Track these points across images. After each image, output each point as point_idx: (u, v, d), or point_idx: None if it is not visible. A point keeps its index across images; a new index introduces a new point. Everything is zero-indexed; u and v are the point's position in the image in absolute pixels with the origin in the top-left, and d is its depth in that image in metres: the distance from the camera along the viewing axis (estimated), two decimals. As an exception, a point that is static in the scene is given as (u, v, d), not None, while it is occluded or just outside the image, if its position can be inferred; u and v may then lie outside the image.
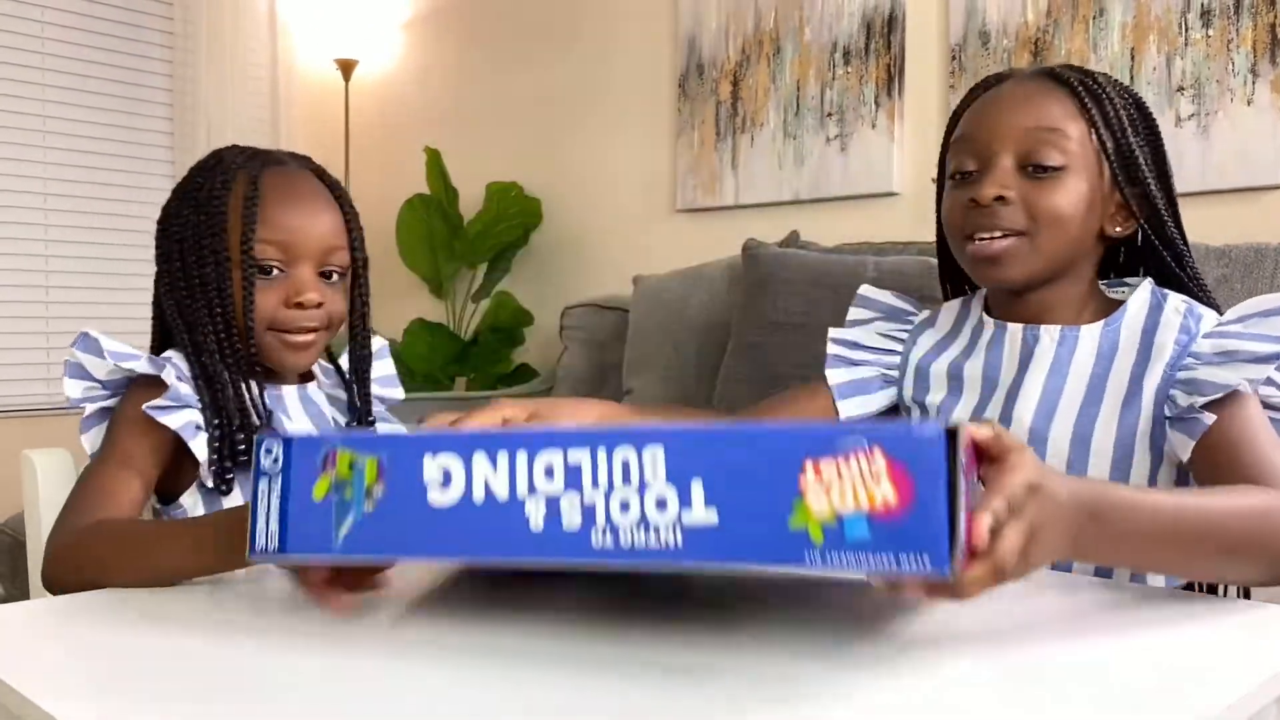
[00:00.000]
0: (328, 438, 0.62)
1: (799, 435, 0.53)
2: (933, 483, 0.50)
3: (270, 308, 0.98)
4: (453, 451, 0.59)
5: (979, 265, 0.97)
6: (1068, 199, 0.93)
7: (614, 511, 0.55)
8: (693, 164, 2.78)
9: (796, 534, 0.51)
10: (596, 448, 0.56)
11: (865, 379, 1.07)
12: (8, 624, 0.69)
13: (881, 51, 2.42)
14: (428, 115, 3.43)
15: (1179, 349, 0.92)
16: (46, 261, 3.16)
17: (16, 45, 3.09)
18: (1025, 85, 0.98)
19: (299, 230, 0.98)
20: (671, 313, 2.43)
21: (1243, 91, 1.94)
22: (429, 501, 0.59)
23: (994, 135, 0.95)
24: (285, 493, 0.62)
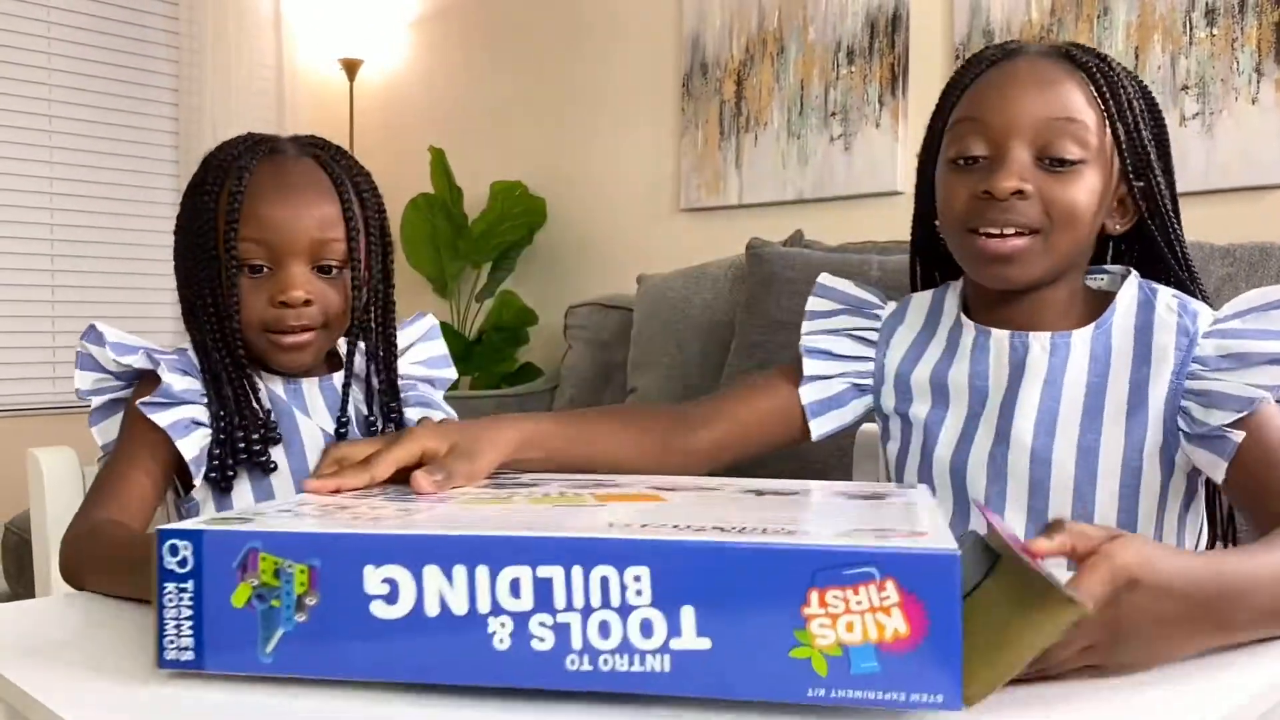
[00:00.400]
0: (244, 536, 0.52)
1: (802, 560, 0.48)
2: (947, 614, 0.47)
3: (259, 308, 0.95)
4: (399, 563, 0.51)
5: (986, 264, 0.89)
6: (1085, 195, 0.87)
7: (592, 634, 0.49)
8: (697, 163, 2.78)
9: (798, 665, 0.48)
10: (570, 565, 0.49)
11: (838, 393, 1.01)
12: (13, 621, 0.69)
13: (885, 50, 2.42)
14: (432, 115, 3.43)
15: (1182, 354, 0.87)
16: (52, 261, 3.17)
17: (23, 46, 3.10)
18: (1041, 67, 0.89)
19: (285, 225, 0.94)
20: (675, 312, 2.44)
21: (1247, 90, 1.94)
22: (372, 614, 0.51)
23: (1010, 121, 0.87)
24: (199, 598, 0.53)
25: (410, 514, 0.58)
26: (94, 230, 3.25)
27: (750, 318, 2.17)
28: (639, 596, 0.49)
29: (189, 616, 0.53)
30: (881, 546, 0.48)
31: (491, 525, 0.54)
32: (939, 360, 0.97)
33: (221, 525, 0.53)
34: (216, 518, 0.55)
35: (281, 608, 0.52)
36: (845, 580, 0.47)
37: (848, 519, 0.58)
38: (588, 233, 3.09)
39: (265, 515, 0.57)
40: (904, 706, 0.47)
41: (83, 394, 0.97)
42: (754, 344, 2.14)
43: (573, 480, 0.75)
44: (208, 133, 3.31)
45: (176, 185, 3.40)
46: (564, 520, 0.56)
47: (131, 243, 3.32)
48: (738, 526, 0.53)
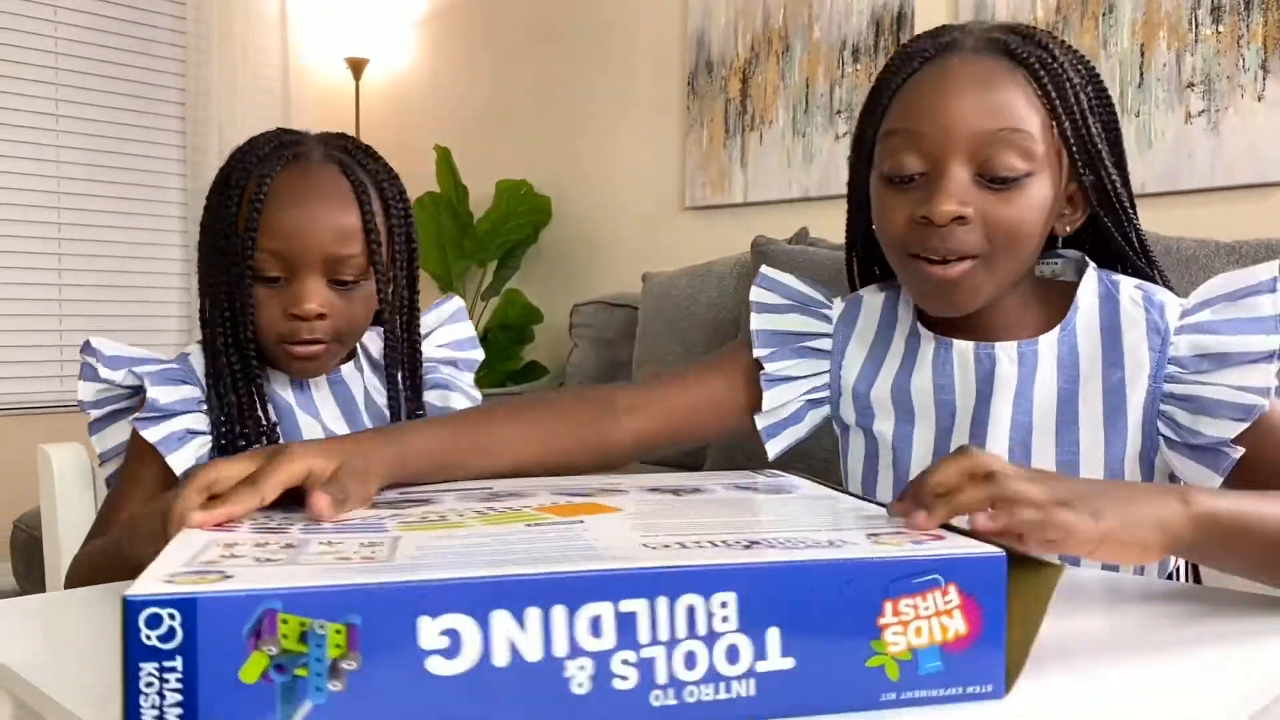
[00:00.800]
0: (259, 598, 0.43)
1: (880, 572, 0.49)
2: (997, 610, 0.50)
3: (275, 319, 0.94)
4: (461, 611, 0.45)
5: (930, 294, 0.84)
6: (1031, 210, 0.80)
7: (677, 666, 0.47)
8: (702, 161, 2.78)
9: (874, 673, 0.49)
10: (655, 596, 0.46)
11: (794, 412, 0.96)
12: (21, 616, 0.69)
13: (890, 49, 2.42)
14: (437, 113, 3.44)
15: (1156, 354, 0.83)
16: (59, 260, 3.18)
17: (30, 46, 3.11)
18: (976, 67, 0.81)
19: (301, 238, 0.93)
20: (680, 310, 2.44)
21: (1253, 88, 1.93)
22: (428, 671, 0.44)
23: (945, 136, 0.79)
24: (191, 678, 0.43)
25: (387, 547, 0.52)
26: (101, 229, 3.26)
27: (755, 316, 2.17)
28: (725, 623, 0.47)
29: (176, 703, 0.43)
30: (945, 554, 0.50)
31: (532, 560, 0.48)
32: (898, 372, 0.92)
33: (210, 585, 0.44)
34: (182, 575, 0.46)
35: (309, 676, 0.44)
36: (914, 588, 0.49)
37: (831, 520, 0.59)
38: (593, 231, 3.09)
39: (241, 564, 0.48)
40: (962, 699, 0.50)
41: (85, 406, 0.98)
42: (759, 342, 2.14)
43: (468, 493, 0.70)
44: (214, 132, 3.32)
45: (183, 184, 3.41)
46: (590, 544, 0.52)
47: (138, 241, 3.34)
48: (775, 539, 0.53)
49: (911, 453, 0.91)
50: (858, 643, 0.49)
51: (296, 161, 0.96)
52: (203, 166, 3.34)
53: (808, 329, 0.97)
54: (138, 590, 0.43)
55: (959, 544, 0.52)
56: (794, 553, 0.50)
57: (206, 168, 3.33)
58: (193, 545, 0.53)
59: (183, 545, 0.53)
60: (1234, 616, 0.69)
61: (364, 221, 0.95)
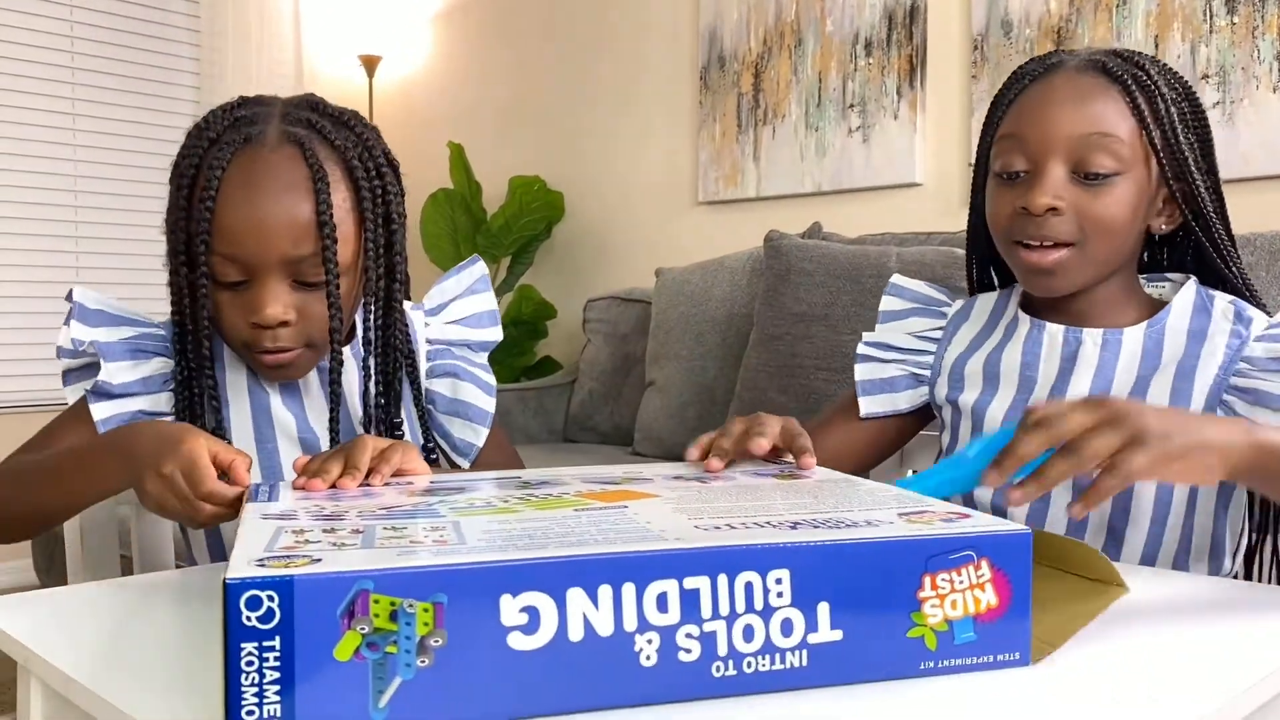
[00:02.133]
0: (351, 579, 0.46)
1: (921, 550, 0.53)
2: (1024, 583, 0.55)
3: (238, 326, 0.87)
4: (539, 589, 0.48)
5: (1030, 276, 0.95)
6: (1119, 206, 0.91)
7: (737, 639, 0.50)
8: (714, 156, 2.79)
9: (914, 643, 0.53)
10: (716, 573, 0.50)
11: (892, 377, 1.05)
12: (51, 607, 0.71)
13: (903, 42, 2.42)
14: (450, 110, 3.45)
15: (1230, 352, 0.91)
16: (77, 259, 3.21)
17: (46, 45, 3.13)
18: (1077, 82, 0.93)
19: (253, 240, 0.83)
20: (694, 305, 2.44)
21: (1268, 79, 1.93)
22: (510, 646, 0.47)
23: (1045, 139, 0.92)
24: (289, 655, 0.45)
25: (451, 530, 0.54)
26: (118, 228, 3.28)
27: (769, 310, 2.18)
28: (780, 598, 0.51)
29: (274, 680, 0.45)
30: (978, 531, 0.55)
31: (598, 541, 0.51)
32: (993, 349, 1.01)
33: (305, 568, 0.46)
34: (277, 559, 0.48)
35: (399, 653, 0.46)
36: (951, 564, 0.53)
37: (862, 500, 0.63)
38: (606, 226, 3.10)
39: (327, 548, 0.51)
40: (992, 666, 0.54)
41: (62, 353, 0.93)
42: (772, 336, 2.15)
43: (503, 481, 0.72)
44: (229, 130, 3.34)
45: (199, 182, 3.43)
46: (643, 526, 0.55)
47: (154, 240, 3.35)
48: (815, 520, 0.57)
49: (985, 418, 0.99)
50: (900, 615, 0.53)
51: (249, 146, 0.85)
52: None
53: (923, 327, 1.08)
54: (235, 574, 0.45)
55: (986, 522, 0.56)
56: (839, 532, 0.53)
57: (222, 165, 3.35)
58: (264, 531, 0.54)
59: (253, 531, 0.55)
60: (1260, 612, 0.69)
61: (318, 216, 0.84)
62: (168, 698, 0.52)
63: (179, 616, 0.68)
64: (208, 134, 0.86)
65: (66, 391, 0.95)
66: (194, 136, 0.88)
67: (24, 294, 3.11)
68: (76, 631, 0.64)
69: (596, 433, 2.71)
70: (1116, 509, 0.92)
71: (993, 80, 2.27)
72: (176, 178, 0.87)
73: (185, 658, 0.59)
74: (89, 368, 0.93)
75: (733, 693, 0.51)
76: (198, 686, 0.54)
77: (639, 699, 0.49)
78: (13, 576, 3.01)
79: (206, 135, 0.86)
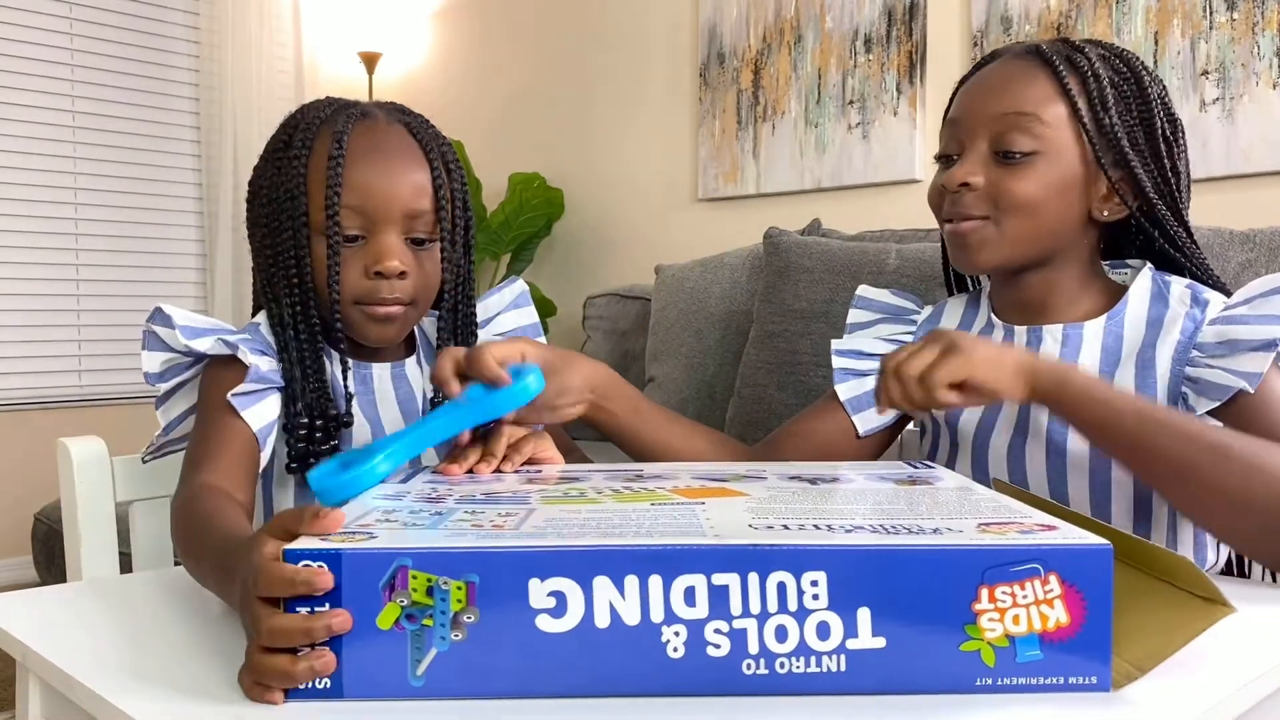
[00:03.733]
0: (392, 555, 0.49)
1: (975, 560, 0.50)
2: (1103, 602, 0.50)
3: (354, 279, 0.91)
4: (567, 575, 0.49)
5: (951, 249, 0.97)
6: (1036, 185, 0.91)
7: (769, 639, 0.50)
8: (714, 153, 2.78)
9: (968, 658, 0.50)
10: (747, 572, 0.49)
11: (872, 390, 1.02)
12: (49, 604, 0.71)
13: (903, 38, 2.42)
14: (450, 107, 3.45)
15: (1185, 339, 0.90)
16: (77, 255, 3.21)
17: (45, 42, 3.13)
18: (1008, 66, 0.95)
19: (381, 193, 0.90)
20: (693, 301, 2.44)
21: (1268, 75, 1.92)
22: (538, 628, 0.50)
23: (969, 119, 0.94)
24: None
25: (520, 518, 0.57)
26: (118, 224, 3.28)
27: (768, 307, 2.18)
28: (816, 601, 0.50)
29: (324, 643, 0.49)
30: (1046, 544, 0.50)
31: (636, 533, 0.52)
32: None
33: (355, 543, 0.50)
34: (339, 534, 0.52)
35: (435, 627, 0.49)
36: (1013, 576, 0.50)
37: (949, 510, 0.59)
38: (606, 223, 3.10)
39: (383, 526, 0.54)
40: (1063, 689, 0.50)
41: (150, 379, 0.92)
42: (772, 333, 2.15)
43: (614, 474, 0.74)
44: (228, 126, 3.34)
45: (198, 179, 3.43)
46: (696, 522, 0.55)
47: (155, 236, 3.36)
48: (880, 525, 0.54)
49: (958, 426, 1.00)
50: (951, 627, 0.50)
51: (365, 119, 0.94)
52: (217, 161, 3.36)
53: (892, 333, 1.07)
54: (294, 545, 0.50)
55: (1066, 535, 0.52)
56: (889, 538, 0.51)
57: (220, 162, 3.35)
58: (360, 509, 0.60)
59: (354, 508, 0.60)
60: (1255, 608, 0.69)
61: (433, 179, 0.93)
62: (165, 695, 0.53)
63: (178, 614, 0.68)
64: (318, 114, 0.94)
65: (159, 414, 0.95)
66: (300, 118, 0.94)
67: (24, 292, 3.11)
68: (75, 629, 0.64)
69: (595, 430, 2.70)
70: (1097, 515, 0.91)
71: (992, 76, 2.27)
72: (284, 150, 0.93)
73: (184, 655, 0.59)
74: (178, 386, 0.94)
75: (765, 692, 0.50)
76: (196, 684, 0.54)
77: (667, 689, 0.50)
78: (13, 574, 3.01)
79: (318, 115, 0.94)
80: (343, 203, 0.89)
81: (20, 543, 3.01)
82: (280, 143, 0.94)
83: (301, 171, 0.91)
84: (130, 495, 1.03)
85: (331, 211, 0.89)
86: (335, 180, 0.89)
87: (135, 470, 1.03)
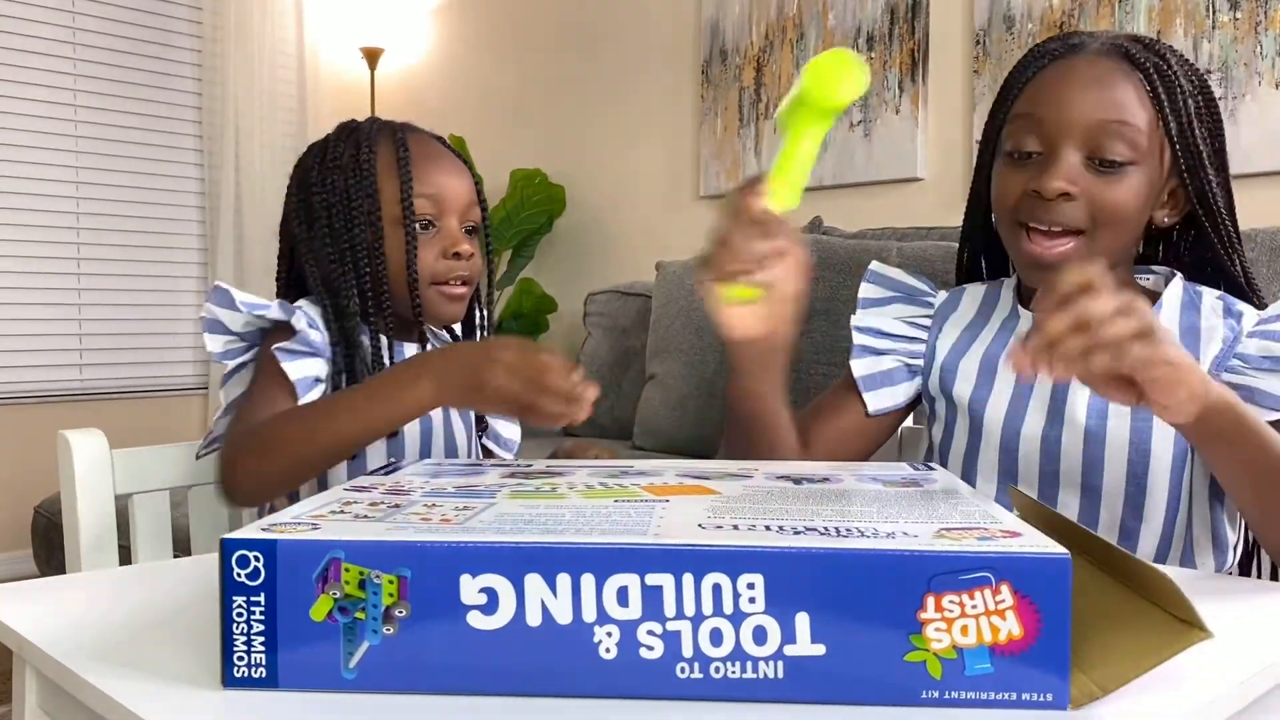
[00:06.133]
0: (325, 546, 0.50)
1: (920, 566, 0.48)
2: (1059, 615, 0.47)
3: (430, 261, 1.01)
4: (498, 572, 0.49)
5: (1033, 267, 0.93)
6: (1132, 195, 0.89)
7: (703, 642, 0.48)
8: (716, 150, 2.78)
9: (913, 669, 0.48)
10: (681, 573, 0.48)
11: (889, 370, 1.03)
12: (45, 596, 0.71)
13: (905, 36, 2.42)
14: (452, 103, 3.45)
15: (1225, 346, 0.90)
16: (78, 248, 3.21)
17: (48, 36, 3.13)
18: (1097, 67, 0.91)
19: (447, 186, 1.03)
20: (694, 299, 2.44)
21: (1270, 74, 1.92)
22: (469, 625, 0.49)
23: (1062, 121, 0.89)
24: (272, 612, 0.50)
25: (473, 512, 0.56)
26: (119, 219, 3.28)
27: (769, 304, 2.18)
28: (752, 604, 0.48)
29: (260, 632, 0.50)
30: (997, 551, 0.48)
31: (577, 530, 0.51)
32: (990, 345, 0.99)
33: (293, 533, 0.50)
34: (279, 524, 0.53)
35: (367, 620, 0.49)
36: (961, 585, 0.48)
37: (920, 513, 0.57)
38: (607, 220, 3.10)
39: (329, 518, 0.55)
40: (1015, 706, 0.48)
41: (216, 356, 0.99)
42: (772, 330, 2.14)
43: (599, 470, 0.74)
44: (230, 121, 3.34)
45: (200, 174, 3.43)
46: (644, 521, 0.54)
47: (157, 230, 3.36)
48: (832, 527, 0.52)
49: (986, 413, 0.97)
50: (894, 636, 0.48)
51: (414, 130, 1.06)
52: (219, 156, 3.36)
53: (908, 314, 1.05)
54: (234, 534, 0.50)
55: (1024, 543, 0.49)
56: (835, 540, 0.49)
57: (222, 157, 3.35)
58: (320, 501, 0.60)
59: (318, 498, 0.61)
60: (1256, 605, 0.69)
61: (474, 177, 1.07)
62: (163, 688, 0.53)
63: (176, 606, 0.68)
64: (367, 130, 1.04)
65: (222, 393, 1.01)
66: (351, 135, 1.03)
67: (25, 285, 3.11)
68: (73, 621, 0.64)
69: (595, 425, 2.71)
70: (1129, 507, 0.91)
71: (994, 75, 2.27)
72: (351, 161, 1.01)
73: (182, 647, 0.59)
74: (239, 367, 1.00)
75: (700, 696, 0.49)
76: (194, 677, 0.54)
77: (599, 690, 0.49)
78: (12, 567, 3.01)
79: (371, 126, 1.05)
80: (420, 193, 1.01)
81: (20, 536, 3.01)
82: (336, 151, 1.04)
83: (371, 172, 1.01)
84: (130, 488, 1.03)
85: (408, 202, 1.00)
86: (408, 175, 1.00)
87: (135, 463, 1.04)
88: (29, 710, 0.65)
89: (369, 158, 1.02)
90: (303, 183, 1.05)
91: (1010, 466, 0.95)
